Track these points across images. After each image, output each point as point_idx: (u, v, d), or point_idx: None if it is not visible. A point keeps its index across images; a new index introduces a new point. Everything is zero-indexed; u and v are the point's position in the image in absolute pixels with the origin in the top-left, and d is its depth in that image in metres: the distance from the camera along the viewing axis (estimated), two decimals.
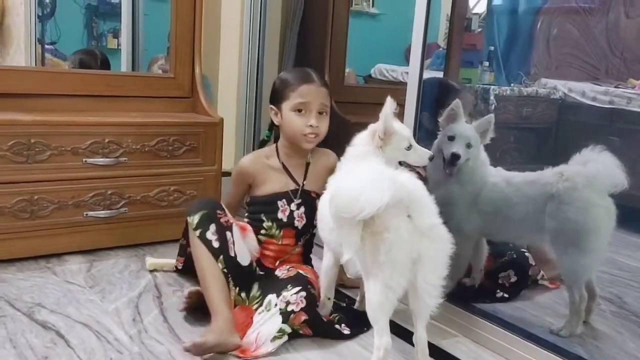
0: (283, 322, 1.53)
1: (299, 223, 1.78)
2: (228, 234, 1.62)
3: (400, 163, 1.60)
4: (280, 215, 1.77)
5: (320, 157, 1.84)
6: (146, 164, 2.16)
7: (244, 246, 1.69)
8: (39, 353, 1.42)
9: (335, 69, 2.76)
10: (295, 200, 1.78)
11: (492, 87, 2.93)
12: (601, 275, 2.03)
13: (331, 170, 1.78)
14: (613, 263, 2.15)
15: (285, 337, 1.53)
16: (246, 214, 1.86)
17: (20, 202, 1.92)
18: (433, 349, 1.58)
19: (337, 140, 2.66)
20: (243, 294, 1.65)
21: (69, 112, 2.13)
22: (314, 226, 1.79)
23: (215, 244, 1.59)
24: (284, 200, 1.77)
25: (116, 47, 2.91)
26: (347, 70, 3.37)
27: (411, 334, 1.47)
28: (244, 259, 1.66)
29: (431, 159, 1.62)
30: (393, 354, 1.55)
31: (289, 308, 1.54)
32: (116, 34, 2.92)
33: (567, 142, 2.91)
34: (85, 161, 2.03)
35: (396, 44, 3.46)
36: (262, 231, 1.78)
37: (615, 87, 2.99)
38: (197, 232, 1.59)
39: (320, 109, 1.74)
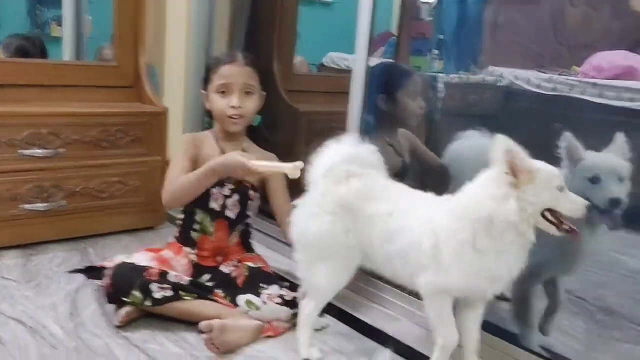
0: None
1: (232, 213, 1.73)
2: (169, 276, 1.57)
3: (545, 216, 1.21)
4: (213, 204, 1.72)
5: (261, 155, 1.79)
6: (87, 155, 2.10)
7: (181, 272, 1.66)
8: None
9: (284, 57, 2.73)
10: (227, 185, 1.71)
11: (441, 75, 2.95)
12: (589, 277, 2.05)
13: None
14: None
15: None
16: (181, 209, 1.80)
17: None
18: (376, 333, 1.60)
19: (286, 130, 2.66)
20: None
21: (6, 102, 2.05)
22: (247, 216, 1.77)
23: (169, 293, 1.54)
24: (217, 187, 1.71)
25: (61, 36, 2.83)
26: (298, 59, 3.35)
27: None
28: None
29: (589, 208, 1.22)
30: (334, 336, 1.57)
31: (288, 298, 1.58)
32: (61, 22, 2.83)
33: (513, 128, 2.96)
34: (22, 153, 1.96)
35: (350, 33, 3.45)
36: (196, 226, 1.73)
37: (559, 74, 3.05)
38: (149, 303, 1.52)
39: (244, 89, 1.70)
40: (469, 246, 1.20)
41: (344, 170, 1.36)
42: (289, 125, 2.65)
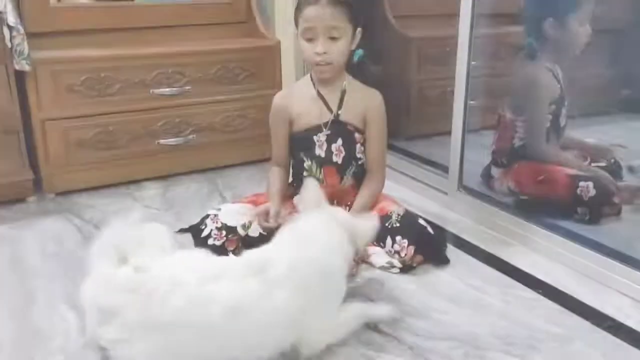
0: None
1: (337, 157, 1.66)
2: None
3: None
4: (318, 151, 1.66)
5: (363, 94, 1.68)
6: (209, 91, 2.24)
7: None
8: None
9: None
10: (324, 130, 1.65)
11: None
12: None
13: (373, 112, 1.65)
14: None
15: (396, 270, 1.54)
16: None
17: (99, 134, 2.07)
18: (491, 259, 1.63)
19: (394, 57, 2.62)
20: None
21: (133, 45, 2.22)
22: (357, 158, 1.68)
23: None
24: (319, 134, 1.66)
25: None
26: None
27: None
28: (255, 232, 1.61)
29: None
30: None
31: (402, 253, 1.54)
32: None
33: None
34: (152, 92, 2.13)
35: None
36: (305, 172, 1.69)
37: None
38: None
39: (328, 33, 1.55)
40: None
41: None
42: (399, 55, 2.61)
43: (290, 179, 1.78)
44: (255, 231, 1.61)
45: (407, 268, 1.54)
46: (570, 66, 2.01)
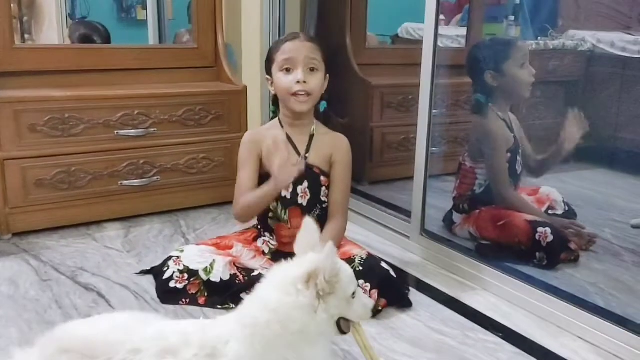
0: None
1: (302, 200, 1.68)
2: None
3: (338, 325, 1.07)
4: (283, 192, 1.66)
5: (330, 138, 1.72)
6: (175, 133, 2.24)
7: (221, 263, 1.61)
8: (82, 312, 1.53)
9: (357, 32, 2.76)
10: None
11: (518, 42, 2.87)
12: (624, 227, 2.05)
13: (340, 154, 1.69)
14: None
15: None
16: None
17: (59, 174, 2.03)
18: (452, 302, 1.65)
19: (358, 103, 2.70)
20: None
21: (99, 86, 2.21)
22: (322, 201, 1.70)
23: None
24: None
25: (145, 19, 2.97)
26: (368, 34, 3.35)
27: None
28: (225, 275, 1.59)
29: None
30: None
31: None
32: (145, 6, 2.97)
33: (596, 94, 2.86)
34: (117, 133, 2.12)
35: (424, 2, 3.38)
36: (270, 214, 1.71)
37: None
38: None
39: (308, 64, 1.61)
40: None
41: None
42: (362, 99, 2.68)
43: (255, 222, 1.80)
44: (216, 276, 1.58)
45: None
46: (525, 116, 2.13)
